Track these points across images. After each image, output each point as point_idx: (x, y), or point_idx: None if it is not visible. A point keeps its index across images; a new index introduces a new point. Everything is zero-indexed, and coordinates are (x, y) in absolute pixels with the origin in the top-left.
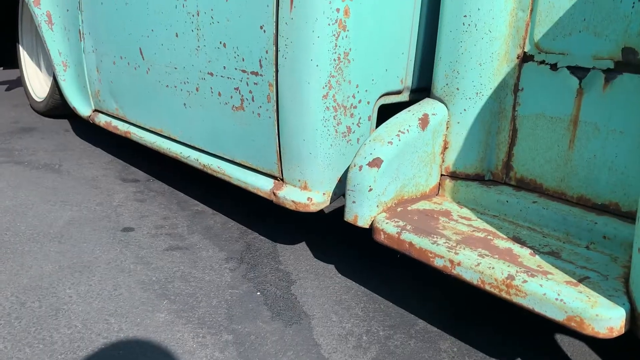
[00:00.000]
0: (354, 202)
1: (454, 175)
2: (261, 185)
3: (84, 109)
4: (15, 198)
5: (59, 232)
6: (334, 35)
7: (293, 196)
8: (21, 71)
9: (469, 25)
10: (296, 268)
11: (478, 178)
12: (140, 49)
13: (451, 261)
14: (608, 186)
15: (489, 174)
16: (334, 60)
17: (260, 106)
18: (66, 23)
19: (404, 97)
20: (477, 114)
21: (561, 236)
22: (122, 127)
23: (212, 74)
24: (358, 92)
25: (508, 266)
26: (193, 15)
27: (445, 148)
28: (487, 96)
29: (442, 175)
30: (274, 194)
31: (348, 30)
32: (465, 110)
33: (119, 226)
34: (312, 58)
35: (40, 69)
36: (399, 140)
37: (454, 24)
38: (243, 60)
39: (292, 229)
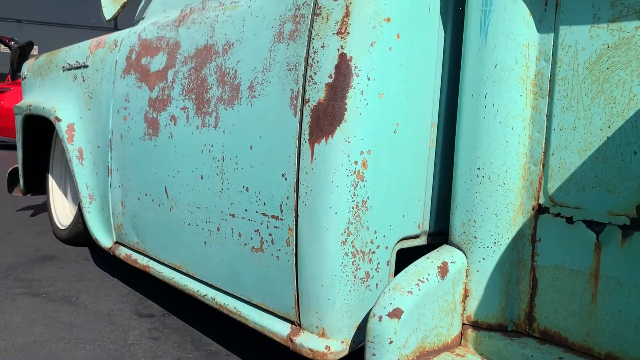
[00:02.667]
0: (374, 354)
1: (476, 325)
2: (277, 330)
3: (105, 241)
4: (29, 335)
5: None
6: (352, 185)
7: (310, 344)
8: (48, 199)
9: (482, 177)
10: None
11: (501, 328)
12: (165, 187)
13: None
14: (636, 344)
15: (512, 324)
16: (353, 208)
17: (280, 249)
18: (96, 159)
19: (422, 241)
20: (496, 263)
21: None
22: (141, 261)
23: (233, 216)
24: (376, 237)
25: None
26: (218, 160)
27: (465, 296)
28: (505, 246)
29: (464, 324)
30: (291, 340)
31: (366, 181)
32: (484, 258)
33: None
34: (331, 206)
35: (66, 198)
36: (419, 289)
37: (469, 176)
38: (264, 204)
39: None
